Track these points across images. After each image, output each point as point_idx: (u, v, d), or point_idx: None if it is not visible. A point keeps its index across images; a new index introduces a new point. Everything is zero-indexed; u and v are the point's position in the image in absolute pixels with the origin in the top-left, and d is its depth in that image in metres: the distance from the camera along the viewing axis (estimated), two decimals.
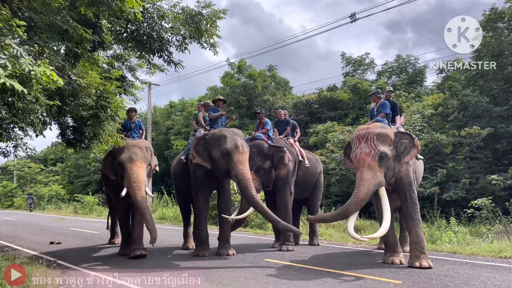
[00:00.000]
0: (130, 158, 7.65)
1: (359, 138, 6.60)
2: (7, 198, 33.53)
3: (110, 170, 8.11)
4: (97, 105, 6.66)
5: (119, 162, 7.71)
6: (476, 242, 9.18)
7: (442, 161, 15.94)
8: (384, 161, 6.44)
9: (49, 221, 17.96)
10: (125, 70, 10.30)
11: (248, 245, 9.43)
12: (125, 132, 8.51)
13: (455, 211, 13.07)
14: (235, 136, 7.75)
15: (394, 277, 5.85)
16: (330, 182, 18.11)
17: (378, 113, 7.49)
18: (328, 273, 6.24)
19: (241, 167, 7.38)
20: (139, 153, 7.82)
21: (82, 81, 6.34)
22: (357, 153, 6.51)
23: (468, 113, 16.52)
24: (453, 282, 5.52)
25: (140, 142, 8.26)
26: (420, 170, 8.27)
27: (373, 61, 23.95)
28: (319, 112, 23.63)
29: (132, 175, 7.50)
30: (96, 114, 6.73)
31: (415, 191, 7.01)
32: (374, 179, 6.30)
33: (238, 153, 7.46)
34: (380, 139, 6.50)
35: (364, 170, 6.33)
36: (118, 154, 7.88)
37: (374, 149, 6.39)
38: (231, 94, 26.44)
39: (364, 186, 6.24)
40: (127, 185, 7.51)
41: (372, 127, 6.71)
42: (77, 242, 10.50)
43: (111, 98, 6.82)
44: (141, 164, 7.71)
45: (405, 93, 18.83)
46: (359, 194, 6.20)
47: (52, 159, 41.82)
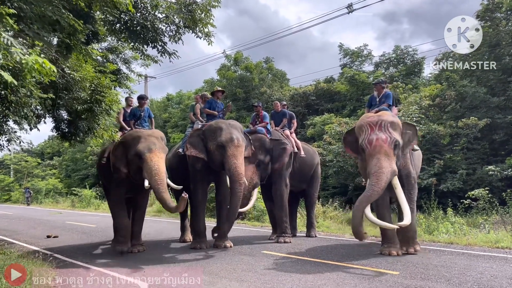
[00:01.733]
0: (149, 148, 7.11)
1: (371, 125, 6.49)
2: (4, 192, 33.46)
3: (121, 161, 7.43)
4: (91, 99, 6.57)
5: (137, 153, 7.13)
6: (473, 233, 9.19)
7: (439, 152, 15.93)
8: (397, 150, 6.42)
9: (46, 215, 17.92)
10: (120, 62, 10.22)
11: (246, 237, 9.43)
12: (133, 121, 8.09)
13: (452, 202, 13.06)
14: (231, 128, 7.66)
15: (391, 268, 5.85)
16: (328, 174, 18.10)
17: (381, 103, 7.43)
18: (325, 264, 6.24)
19: (234, 160, 7.32)
20: (158, 143, 7.31)
21: (76, 75, 6.26)
22: (372, 139, 6.37)
23: (465, 104, 16.48)
24: (450, 272, 5.52)
25: (155, 132, 7.76)
26: (418, 161, 8.24)
27: (370, 52, 23.85)
28: (316, 104, 23.57)
29: (153, 166, 6.95)
30: (90, 108, 6.63)
31: (413, 182, 6.99)
32: (391, 167, 6.22)
33: (232, 146, 7.39)
34: (393, 127, 6.47)
35: (382, 157, 6.22)
36: (132, 144, 7.31)
37: (390, 137, 6.33)
38: (227, 87, 26.34)
39: (383, 174, 6.10)
40: (148, 176, 6.95)
41: (384, 115, 6.64)
42: (74, 236, 10.47)
43: (106, 92, 6.71)
44: (160, 155, 7.18)
45: (402, 84, 18.77)
46: (380, 183, 6.05)
47: (49, 152, 41.66)
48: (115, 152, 7.59)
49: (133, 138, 7.40)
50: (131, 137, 7.46)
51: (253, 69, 26.13)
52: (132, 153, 7.22)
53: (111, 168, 7.66)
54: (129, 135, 7.58)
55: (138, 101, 8.29)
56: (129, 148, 7.33)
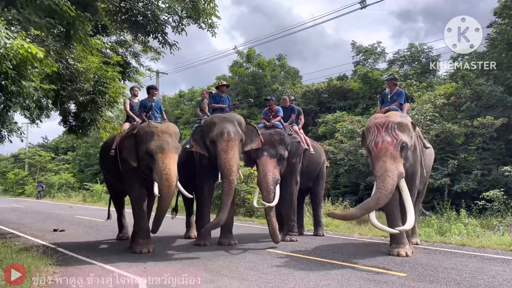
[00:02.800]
0: (162, 148, 6.69)
1: (378, 126, 6.33)
2: (18, 185, 33.93)
3: (131, 154, 7.05)
4: (94, 90, 6.47)
5: (148, 151, 6.74)
6: (486, 235, 8.90)
7: (453, 152, 15.58)
8: (404, 151, 6.23)
9: (57, 209, 18.04)
10: (129, 56, 10.13)
11: (252, 234, 9.28)
12: (144, 113, 7.58)
13: (465, 203, 12.78)
14: (224, 123, 7.43)
15: (399, 269, 5.64)
16: (339, 172, 17.88)
17: (392, 101, 7.24)
18: (330, 264, 6.06)
19: (224, 155, 7.15)
20: (171, 142, 6.86)
21: (80, 66, 6.17)
22: (378, 141, 6.23)
23: (481, 103, 16.08)
24: (460, 275, 5.30)
25: (170, 127, 7.18)
26: (429, 160, 8.01)
27: (384, 50, 23.50)
28: (329, 102, 23.30)
29: (164, 169, 6.55)
30: (93, 99, 6.52)
31: (417, 182, 6.86)
32: (397, 170, 6.06)
33: (222, 141, 7.22)
34: (400, 128, 6.28)
35: (387, 160, 6.07)
36: (144, 139, 6.89)
37: (396, 139, 6.15)
38: (239, 84, 26.23)
39: (390, 177, 5.95)
40: (158, 179, 6.58)
41: (392, 116, 6.46)
42: (80, 230, 10.45)
43: (109, 83, 6.60)
44: (173, 156, 6.76)
45: (416, 82, 18.41)
46: (386, 187, 5.91)
47: (64, 148, 42.07)
48: (125, 143, 7.22)
49: (146, 132, 6.95)
50: (144, 131, 7.00)
51: (265, 66, 25.96)
52: (143, 150, 6.85)
53: (119, 159, 7.36)
54: (142, 128, 7.09)
55: (148, 91, 7.80)
56: (141, 143, 6.95)
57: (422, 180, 7.68)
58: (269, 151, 7.86)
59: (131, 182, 7.40)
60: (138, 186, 7.30)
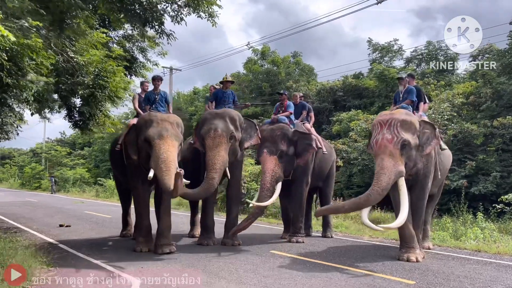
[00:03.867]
0: (160, 134, 6.40)
1: (382, 123, 6.20)
2: (35, 180, 34.35)
3: (132, 147, 6.79)
4: (94, 84, 6.29)
5: (146, 138, 6.45)
6: (504, 240, 8.49)
7: (471, 152, 15.03)
8: (406, 150, 6.05)
9: (68, 204, 18.12)
10: (136, 51, 9.97)
11: (258, 235, 9.02)
12: (148, 105, 7.29)
13: (483, 206, 12.29)
14: (214, 119, 7.22)
15: (408, 276, 5.33)
16: (352, 172, 17.48)
17: (403, 99, 7.01)
18: (335, 268, 5.78)
19: (209, 152, 6.96)
20: (170, 129, 6.56)
21: (80, 59, 6.00)
22: (378, 139, 6.12)
23: (502, 103, 15.50)
24: (473, 284, 4.97)
25: (170, 116, 6.93)
26: (446, 161, 7.67)
27: (401, 47, 22.91)
28: (344, 100, 22.84)
29: (161, 154, 6.21)
30: (92, 93, 6.34)
31: (429, 185, 6.61)
32: (395, 168, 5.91)
33: (209, 138, 7.03)
34: (404, 126, 6.10)
35: (385, 157, 5.96)
36: (144, 127, 6.63)
37: (396, 136, 5.99)
38: (254, 81, 26.00)
39: (385, 175, 5.85)
40: (154, 166, 6.23)
41: (396, 113, 6.32)
42: (86, 226, 10.37)
43: (110, 77, 6.41)
44: (172, 142, 6.42)
45: (434, 80, 17.88)
46: (380, 184, 5.82)
47: (80, 143, 42.46)
48: (127, 137, 7.00)
49: (145, 121, 6.71)
50: (144, 120, 6.78)
51: (280, 63, 25.66)
52: (142, 138, 6.57)
53: (124, 154, 7.16)
54: (142, 118, 6.92)
55: (153, 82, 7.49)
56: (140, 132, 6.70)
57: (437, 183, 7.36)
58: (269, 147, 7.62)
59: (134, 178, 7.21)
60: (141, 183, 7.05)
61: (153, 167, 6.29)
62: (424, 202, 6.58)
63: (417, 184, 6.41)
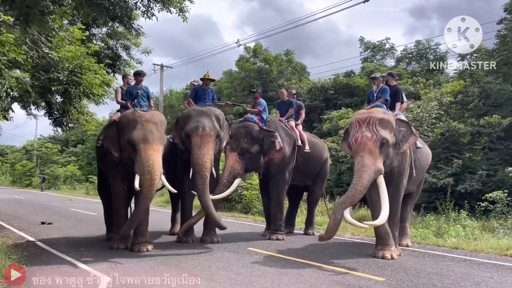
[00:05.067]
0: (145, 139, 6.29)
1: (360, 122, 6.24)
2: (26, 177, 34.21)
3: (112, 143, 6.69)
4: (67, 80, 6.23)
5: (130, 141, 6.36)
6: (485, 238, 8.51)
7: (458, 151, 15.06)
8: (384, 148, 6.12)
9: (56, 201, 18.05)
10: (120, 48, 9.91)
11: (239, 232, 9.02)
12: (130, 100, 7.17)
13: (469, 204, 12.34)
14: (200, 117, 7.15)
15: (379, 273, 5.34)
16: (341, 170, 17.51)
17: (377, 98, 7.10)
18: (308, 265, 5.78)
19: (197, 151, 6.86)
20: (155, 132, 6.45)
21: (55, 54, 5.95)
22: (357, 137, 6.15)
23: (489, 102, 15.56)
24: (442, 281, 4.98)
25: (154, 115, 6.79)
26: (424, 159, 7.68)
27: (393, 46, 22.98)
28: (335, 98, 22.87)
29: (147, 161, 6.17)
30: (66, 89, 6.28)
31: (404, 181, 6.64)
32: (375, 166, 5.97)
33: (196, 135, 6.93)
34: (382, 125, 6.17)
35: (365, 155, 6.00)
36: (127, 127, 6.52)
37: (376, 134, 6.05)
38: (245, 79, 25.97)
39: (366, 173, 5.89)
40: (139, 172, 6.19)
41: (374, 112, 6.38)
42: (69, 223, 10.33)
43: (84, 73, 6.35)
44: (157, 147, 6.37)
45: (423, 79, 17.93)
46: (362, 182, 5.85)
47: (74, 140, 42.33)
48: (107, 132, 6.89)
49: (128, 121, 6.58)
50: (127, 119, 6.64)
51: (271, 61, 25.64)
52: (125, 139, 6.47)
53: (105, 150, 7.00)
54: (125, 116, 6.74)
55: (135, 77, 7.40)
56: (123, 131, 6.58)
57: (414, 181, 7.39)
58: (231, 144, 7.72)
59: (112, 175, 7.16)
60: (120, 180, 7.00)
61: (138, 173, 6.26)
62: (399, 200, 6.59)
63: (392, 181, 6.42)
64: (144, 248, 6.65)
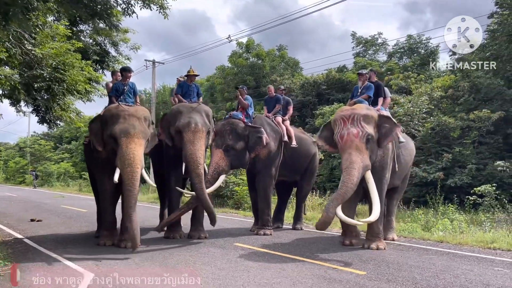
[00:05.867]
0: (127, 132, 6.30)
1: (344, 118, 6.33)
2: (19, 174, 34.10)
3: (97, 138, 6.70)
4: (50, 77, 6.21)
5: (112, 134, 6.36)
6: (471, 231, 8.60)
7: (448, 145, 15.15)
8: (370, 143, 6.23)
9: (48, 198, 18.03)
10: (108, 45, 9.89)
11: (228, 228, 9.06)
12: (117, 96, 7.12)
13: (459, 198, 12.42)
14: (192, 112, 7.19)
15: (361, 267, 5.40)
16: (333, 165, 17.57)
17: (361, 94, 7.20)
18: (292, 260, 5.83)
19: (191, 147, 6.89)
20: (138, 126, 6.45)
21: (38, 51, 5.93)
22: (343, 134, 6.24)
23: (479, 96, 15.63)
24: (422, 274, 5.05)
25: (138, 110, 6.79)
26: (408, 154, 7.75)
27: (385, 41, 23.00)
28: (328, 94, 22.89)
29: (127, 154, 6.18)
30: (49, 86, 6.26)
31: (387, 176, 6.74)
32: (363, 162, 6.09)
33: (189, 131, 6.97)
34: (366, 121, 6.28)
35: (353, 152, 6.09)
36: (110, 121, 6.52)
37: (362, 131, 6.15)
38: (238, 74, 25.93)
39: (355, 169, 6.00)
40: (120, 166, 6.20)
41: (357, 108, 6.48)
42: (58, 220, 10.36)
43: (67, 70, 6.33)
44: (139, 141, 6.36)
45: (414, 74, 17.98)
46: (352, 179, 5.97)
47: (67, 137, 42.17)
48: (91, 126, 6.88)
49: (112, 115, 6.59)
50: (110, 113, 6.64)
51: (264, 56, 25.62)
52: (108, 133, 6.48)
53: (91, 146, 6.98)
54: (109, 110, 6.76)
55: (122, 73, 7.39)
56: (106, 125, 6.59)
57: (399, 175, 7.47)
58: (216, 141, 7.76)
59: (99, 172, 7.17)
60: (106, 177, 6.98)
61: (119, 167, 6.28)
62: (382, 194, 6.66)
63: (375, 176, 6.48)
64: (130, 244, 6.61)
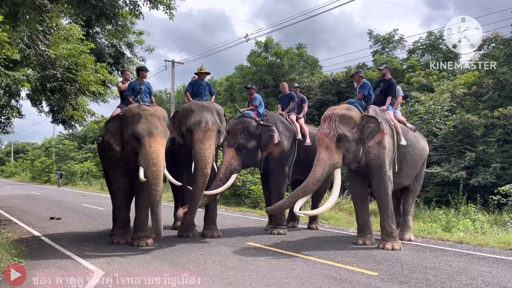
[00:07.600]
0: (150, 132, 6.33)
1: (324, 118, 6.64)
2: (44, 173, 34.92)
3: (114, 137, 6.68)
4: (62, 77, 6.29)
5: (135, 134, 6.36)
6: (493, 232, 8.32)
7: (472, 143, 14.71)
8: (342, 143, 6.41)
9: (69, 196, 18.39)
10: (124, 46, 9.98)
11: (242, 227, 9.02)
12: (132, 96, 7.14)
13: (483, 197, 12.06)
14: (203, 111, 7.15)
15: (374, 268, 5.27)
16: None
17: (358, 93, 7.26)
18: (303, 260, 5.73)
19: (200, 145, 6.88)
20: (160, 126, 6.50)
21: (51, 52, 6.01)
22: (319, 133, 6.61)
23: (504, 93, 15.15)
24: (437, 276, 4.88)
25: (158, 110, 6.81)
26: (417, 153, 7.57)
27: (402, 37, 22.58)
28: (347, 92, 22.60)
29: (152, 153, 6.21)
30: (61, 86, 6.34)
31: (388, 173, 6.73)
32: (330, 160, 6.36)
33: (199, 130, 6.95)
34: (342, 121, 6.46)
35: (322, 150, 6.41)
36: (131, 121, 6.53)
37: (333, 130, 6.38)
38: (257, 73, 25.90)
39: (320, 166, 6.35)
40: (144, 165, 6.22)
41: (337, 109, 6.71)
42: (77, 218, 10.51)
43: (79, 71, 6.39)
44: (161, 140, 6.42)
45: (436, 71, 17.57)
46: (315, 175, 6.33)
47: (91, 137, 42.97)
48: (109, 125, 6.80)
49: (132, 114, 6.57)
50: (131, 112, 6.62)
51: (283, 55, 25.50)
52: (130, 132, 6.46)
53: (105, 145, 7.06)
54: (129, 110, 6.72)
55: (138, 73, 7.41)
56: (127, 125, 6.57)
57: (408, 174, 7.43)
58: (228, 140, 7.75)
59: (114, 171, 7.24)
60: (121, 176, 7.07)
61: (142, 166, 6.30)
62: (386, 191, 6.65)
63: (374, 174, 6.69)
64: (143, 243, 6.70)
